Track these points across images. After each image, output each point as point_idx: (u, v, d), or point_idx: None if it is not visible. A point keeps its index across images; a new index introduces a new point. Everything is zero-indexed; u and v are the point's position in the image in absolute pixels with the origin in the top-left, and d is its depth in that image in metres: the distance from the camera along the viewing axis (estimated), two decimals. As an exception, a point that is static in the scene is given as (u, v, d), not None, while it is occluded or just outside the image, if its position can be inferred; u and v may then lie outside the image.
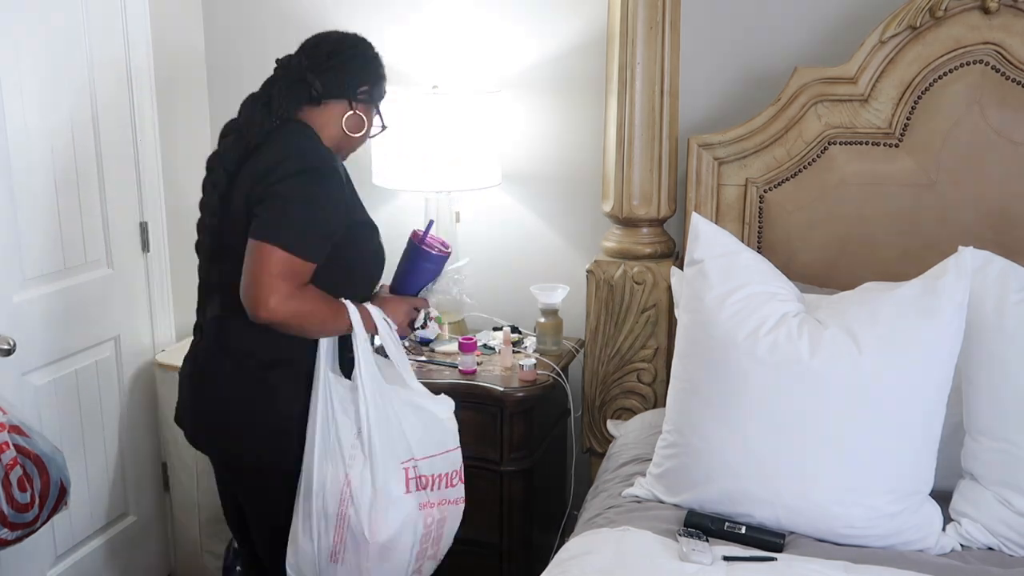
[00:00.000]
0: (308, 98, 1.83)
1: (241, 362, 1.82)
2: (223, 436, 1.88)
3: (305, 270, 1.71)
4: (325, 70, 1.83)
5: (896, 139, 2.19)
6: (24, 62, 2.23)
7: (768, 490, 1.77)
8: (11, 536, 1.98)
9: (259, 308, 1.66)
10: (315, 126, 1.84)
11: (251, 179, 1.75)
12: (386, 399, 1.84)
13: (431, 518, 1.90)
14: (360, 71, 1.88)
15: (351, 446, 1.81)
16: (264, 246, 1.67)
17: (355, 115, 1.88)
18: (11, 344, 2.15)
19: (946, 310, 1.75)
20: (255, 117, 1.80)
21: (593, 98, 2.59)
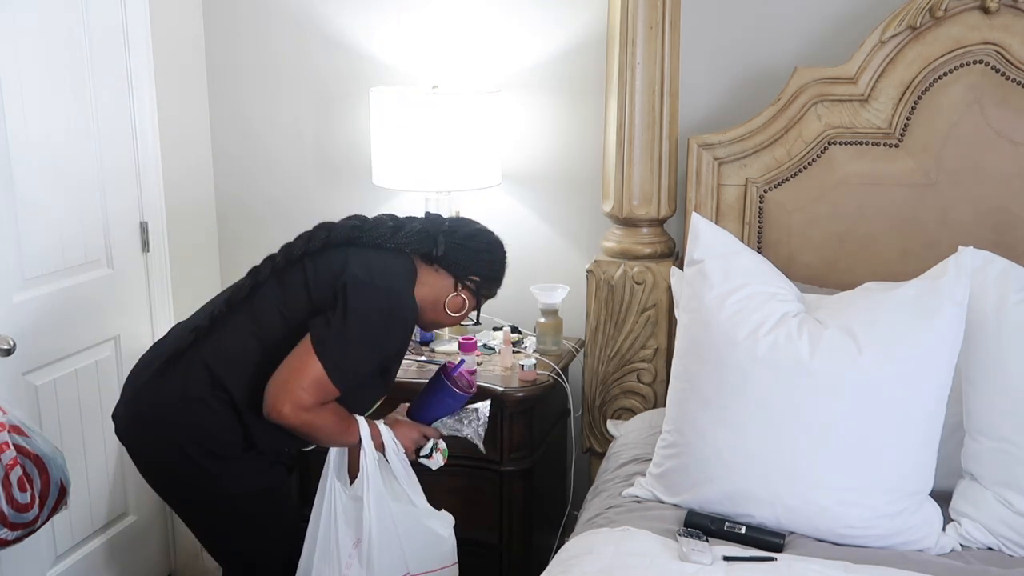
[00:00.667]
0: (425, 254, 1.91)
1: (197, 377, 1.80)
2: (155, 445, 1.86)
3: (332, 393, 1.77)
4: (455, 245, 1.92)
5: (896, 139, 2.19)
6: (24, 62, 2.23)
7: (768, 490, 1.77)
8: (11, 536, 1.98)
9: (274, 408, 1.73)
10: (419, 277, 1.91)
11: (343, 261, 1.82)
12: (389, 514, 1.89)
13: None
14: (481, 263, 1.96)
15: (348, 555, 1.87)
16: (312, 356, 1.73)
17: (459, 297, 1.95)
18: (11, 344, 2.15)
19: (946, 310, 1.75)
20: (382, 228, 1.89)
21: (593, 98, 2.59)
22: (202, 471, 1.82)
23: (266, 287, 1.85)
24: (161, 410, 1.83)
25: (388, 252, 1.88)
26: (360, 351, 1.78)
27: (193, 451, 1.81)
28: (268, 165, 2.98)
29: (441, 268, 1.93)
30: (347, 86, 2.83)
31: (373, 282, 1.80)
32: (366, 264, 1.83)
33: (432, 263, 1.92)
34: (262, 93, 2.94)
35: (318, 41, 2.84)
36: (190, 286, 2.90)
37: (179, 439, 1.81)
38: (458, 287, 1.94)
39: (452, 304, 1.95)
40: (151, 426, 1.85)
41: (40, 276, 2.33)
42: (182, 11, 2.84)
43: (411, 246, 1.90)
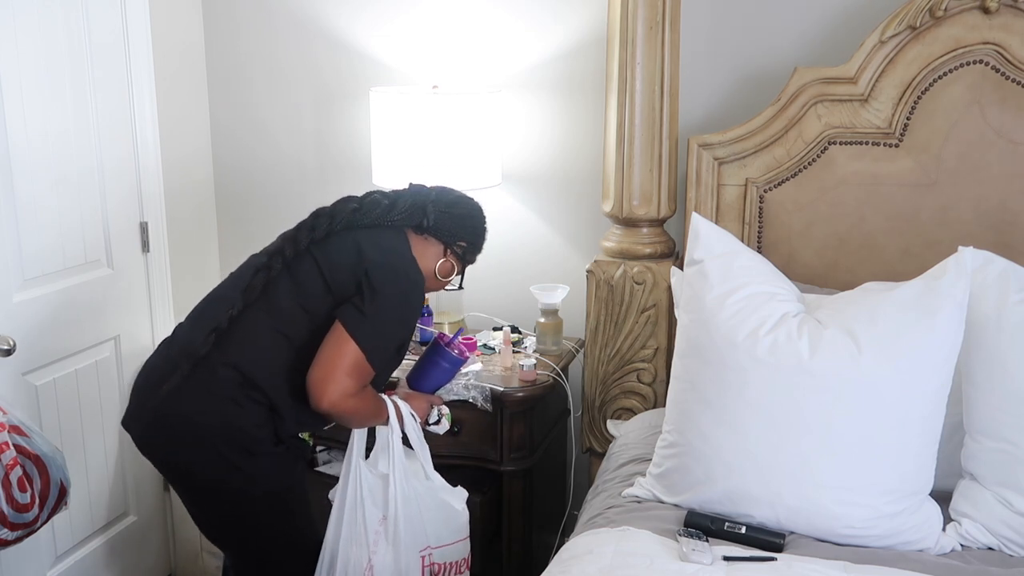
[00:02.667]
0: (417, 225, 1.99)
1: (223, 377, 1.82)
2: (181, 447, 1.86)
3: (370, 375, 1.84)
4: (443, 213, 2.01)
5: (896, 139, 2.19)
6: (24, 62, 2.23)
7: (768, 490, 1.77)
8: (11, 536, 1.98)
9: (323, 398, 1.78)
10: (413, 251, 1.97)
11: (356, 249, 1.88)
12: (413, 489, 1.97)
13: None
14: (470, 229, 2.05)
15: (375, 532, 1.93)
16: (347, 339, 1.79)
17: (447, 262, 2.04)
18: (11, 344, 2.15)
19: (946, 310, 1.75)
20: (377, 207, 1.95)
21: (593, 98, 2.59)
22: (235, 469, 1.84)
23: (278, 281, 1.88)
24: (191, 414, 1.83)
25: (387, 230, 1.95)
26: (391, 331, 1.86)
27: (227, 451, 1.83)
28: (268, 165, 2.98)
29: (431, 236, 2.00)
30: (347, 86, 2.84)
31: (392, 265, 1.88)
32: (379, 247, 1.90)
33: (422, 233, 1.99)
34: (262, 93, 2.94)
35: (318, 41, 2.85)
36: (190, 286, 2.90)
37: (213, 440, 1.82)
38: (447, 252, 2.03)
39: (442, 269, 2.03)
40: (180, 431, 1.85)
41: (40, 276, 2.33)
42: (182, 11, 2.85)
43: (404, 221, 1.97)
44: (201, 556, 2.76)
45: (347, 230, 1.92)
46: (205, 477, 1.87)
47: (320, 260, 1.88)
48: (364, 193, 2.00)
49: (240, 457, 1.84)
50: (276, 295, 1.87)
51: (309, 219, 1.95)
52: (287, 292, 1.87)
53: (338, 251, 1.89)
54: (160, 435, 1.89)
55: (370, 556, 1.92)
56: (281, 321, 1.85)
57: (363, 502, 1.94)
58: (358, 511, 1.94)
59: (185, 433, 1.84)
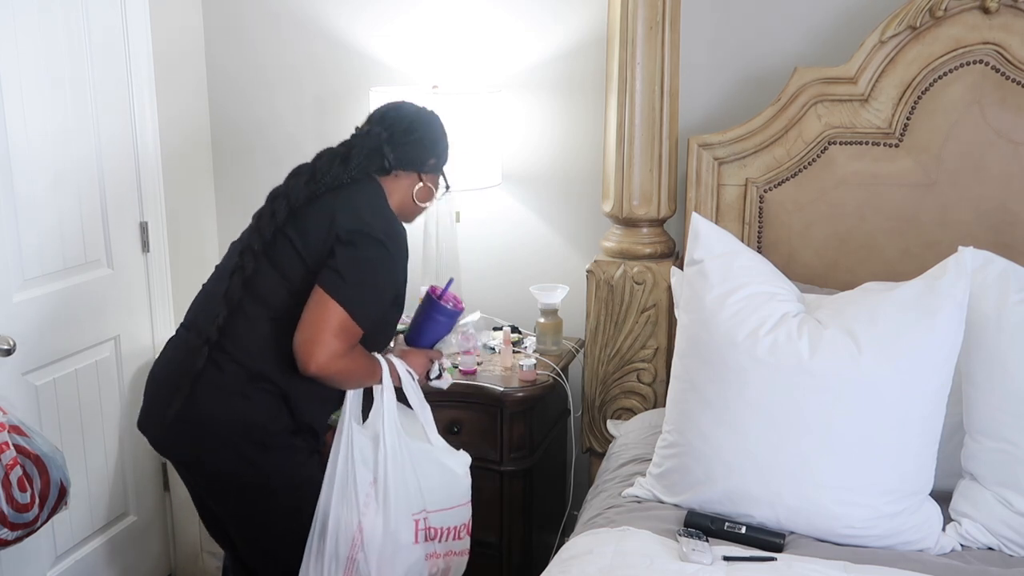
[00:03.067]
0: (379, 168, 1.94)
1: (229, 372, 1.83)
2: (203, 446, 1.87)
3: (357, 334, 1.81)
4: (401, 144, 1.94)
5: (896, 139, 2.19)
6: (24, 62, 2.23)
7: (768, 490, 1.77)
8: (11, 536, 1.98)
9: (311, 361, 1.75)
10: (386, 191, 1.94)
11: (329, 218, 1.83)
12: (405, 451, 1.92)
13: (436, 568, 1.99)
14: (432, 146, 2.00)
15: (366, 494, 1.89)
16: (330, 301, 1.76)
17: (425, 187, 2.00)
18: (11, 344, 2.15)
19: (946, 310, 1.75)
20: (331, 167, 1.89)
21: (593, 98, 2.59)
22: (251, 464, 1.84)
23: (259, 273, 1.86)
24: (204, 414, 1.84)
25: (355, 185, 1.90)
26: (374, 289, 1.82)
27: (243, 446, 1.84)
28: (268, 165, 2.98)
29: (400, 171, 1.96)
30: (347, 86, 2.83)
31: (363, 221, 1.83)
32: (350, 207, 1.85)
33: (389, 172, 1.95)
34: (262, 93, 2.94)
35: (318, 41, 2.85)
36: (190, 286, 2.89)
37: (229, 438, 1.83)
38: (421, 178, 1.99)
39: (420, 195, 2.00)
40: (196, 432, 1.85)
41: (40, 276, 2.33)
42: (182, 11, 2.85)
43: (366, 170, 1.92)
44: (201, 556, 2.76)
45: (313, 200, 1.87)
46: (222, 473, 1.87)
47: (295, 239, 1.85)
48: (314, 156, 1.94)
49: (256, 452, 1.84)
50: (261, 286, 1.85)
51: (267, 205, 1.90)
52: (271, 281, 1.85)
53: (310, 227, 1.84)
54: (176, 437, 1.90)
55: (360, 519, 1.87)
56: (273, 309, 1.84)
57: (354, 464, 1.88)
58: (349, 473, 1.89)
59: (201, 433, 1.85)
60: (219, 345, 1.85)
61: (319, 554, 1.89)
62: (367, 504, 1.88)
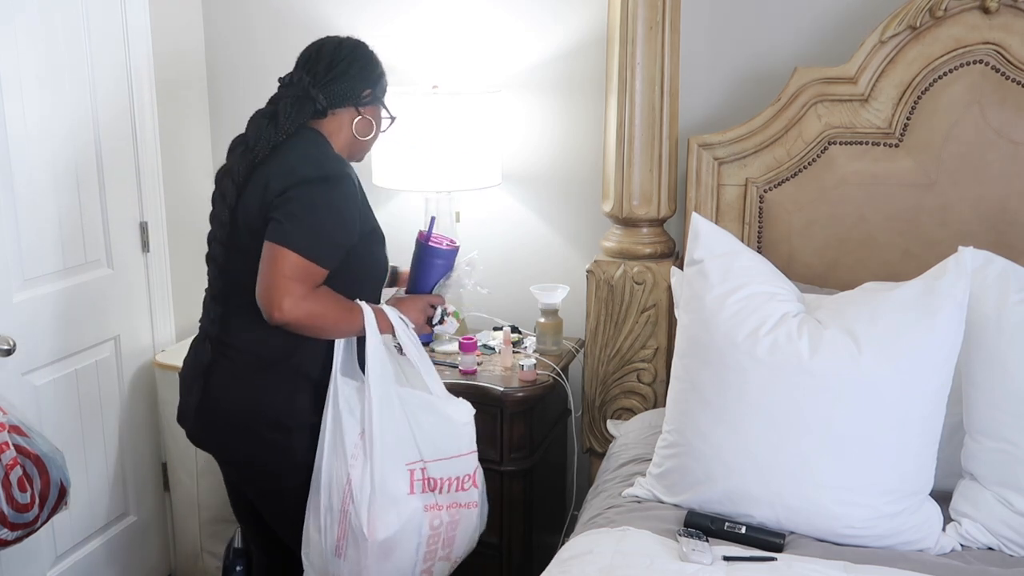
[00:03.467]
0: (314, 112, 1.87)
1: (239, 363, 1.85)
2: (225, 436, 1.91)
3: (318, 274, 1.76)
4: (327, 83, 1.87)
5: (896, 139, 2.19)
6: (24, 62, 2.23)
7: (768, 490, 1.77)
8: (11, 536, 1.98)
9: (273, 309, 1.71)
10: (325, 134, 1.89)
11: (263, 188, 1.79)
12: (395, 401, 1.87)
13: (438, 520, 1.93)
14: (360, 77, 1.91)
15: (354, 445, 1.85)
16: (278, 249, 1.72)
17: (363, 119, 1.93)
18: (11, 344, 2.15)
19: (946, 310, 1.75)
20: (263, 131, 1.84)
21: (593, 98, 2.59)
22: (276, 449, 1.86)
23: (229, 260, 1.85)
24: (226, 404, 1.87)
25: (285, 146, 1.84)
26: (320, 224, 1.75)
27: (268, 434, 1.85)
28: (268, 165, 2.98)
29: (335, 109, 1.89)
30: (347, 86, 2.83)
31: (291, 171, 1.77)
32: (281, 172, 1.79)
33: (325, 114, 1.88)
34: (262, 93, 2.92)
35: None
36: (190, 286, 2.90)
37: (253, 426, 1.85)
38: (359, 111, 1.92)
39: (360, 129, 1.93)
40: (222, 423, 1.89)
41: (40, 276, 2.33)
42: (182, 11, 2.85)
43: (299, 120, 1.85)
44: (201, 556, 2.76)
45: (254, 170, 1.82)
46: (250, 461, 1.89)
47: (245, 218, 1.82)
48: (248, 122, 1.89)
49: (280, 436, 1.86)
50: (235, 272, 1.84)
51: (216, 188, 1.87)
52: (241, 265, 1.82)
53: (251, 198, 1.81)
54: (203, 430, 1.94)
55: (348, 470, 1.83)
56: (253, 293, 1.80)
57: (340, 415, 1.84)
58: (337, 425, 1.84)
59: (225, 425, 1.88)
60: (220, 339, 1.87)
61: (315, 509, 1.88)
62: (355, 456, 1.84)
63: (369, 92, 1.93)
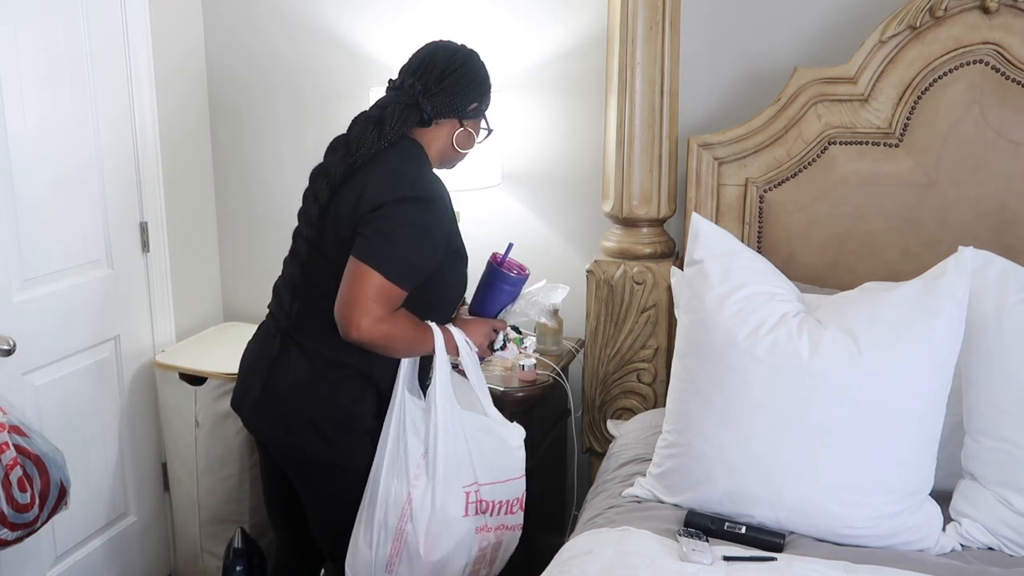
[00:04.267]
0: (419, 121, 1.87)
1: (310, 359, 1.86)
2: (285, 428, 1.90)
3: (399, 296, 1.77)
4: (436, 93, 1.87)
5: (896, 139, 2.19)
6: (24, 62, 2.23)
7: (768, 490, 1.77)
8: (11, 536, 1.98)
9: (351, 328, 1.72)
10: (423, 143, 1.90)
11: (358, 197, 1.79)
12: (458, 423, 1.89)
13: (487, 541, 1.96)
14: (470, 90, 1.91)
15: (417, 466, 1.86)
16: (363, 267, 1.72)
17: (464, 131, 1.94)
18: (11, 344, 2.15)
19: (946, 310, 1.75)
20: (366, 136, 1.83)
21: (593, 98, 2.59)
22: (335, 445, 1.86)
23: (314, 260, 1.86)
24: (288, 396, 1.87)
25: (386, 156, 1.84)
26: (407, 247, 1.76)
27: (329, 430, 1.86)
28: (268, 165, 2.98)
29: (440, 120, 1.89)
30: (348, 86, 2.83)
31: (390, 195, 1.77)
32: (377, 185, 1.79)
33: (430, 124, 1.88)
34: (262, 93, 2.95)
35: (318, 41, 2.85)
36: (190, 286, 2.90)
37: (314, 420, 1.85)
38: (462, 123, 1.92)
39: (459, 141, 1.93)
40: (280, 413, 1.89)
41: (40, 276, 2.33)
42: (182, 11, 2.85)
43: (404, 129, 1.85)
44: (201, 556, 2.76)
45: (352, 174, 1.83)
46: (306, 454, 1.89)
47: (335, 222, 1.82)
48: (350, 124, 1.88)
49: (340, 433, 1.86)
50: (316, 272, 1.85)
51: (309, 186, 1.88)
52: (322, 265, 1.84)
53: (344, 204, 1.81)
54: (261, 419, 1.94)
55: (410, 490, 1.85)
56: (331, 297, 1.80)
57: (406, 434, 1.85)
58: (400, 443, 1.85)
59: (286, 417, 1.88)
60: (292, 333, 1.88)
61: (368, 523, 1.88)
62: (417, 476, 1.86)
63: (476, 106, 1.93)
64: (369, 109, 1.89)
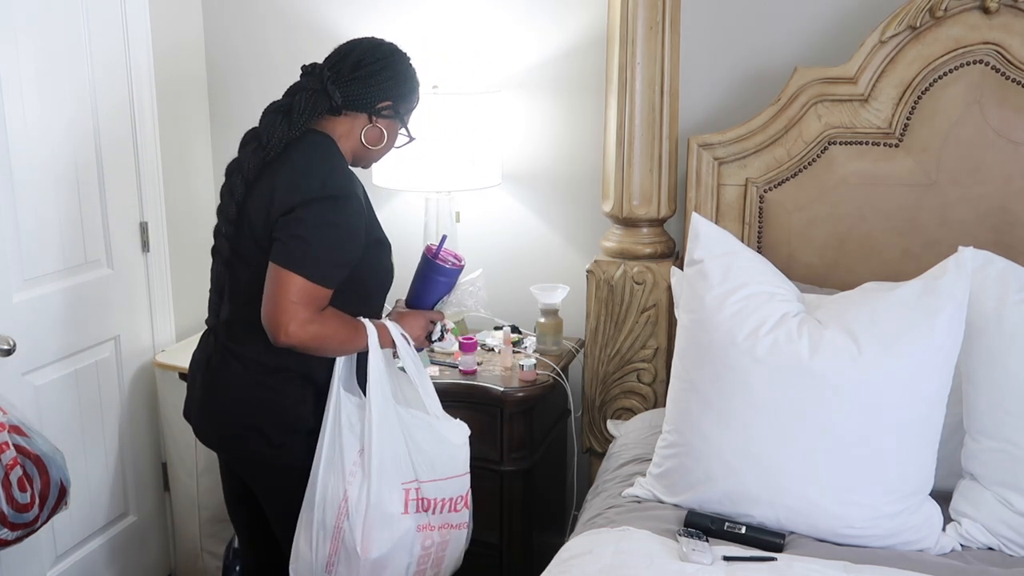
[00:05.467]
0: (328, 108, 1.82)
1: (247, 365, 1.85)
2: (230, 436, 1.90)
3: (323, 296, 1.74)
4: (348, 82, 1.81)
5: (896, 139, 2.19)
6: (24, 62, 2.23)
7: (768, 490, 1.77)
8: (11, 536, 1.98)
9: (279, 334, 1.70)
10: (334, 135, 1.85)
11: (269, 199, 1.76)
12: (395, 420, 1.86)
13: (430, 540, 1.92)
14: (384, 86, 1.85)
15: (353, 463, 1.83)
16: (284, 272, 1.70)
17: (374, 128, 1.87)
18: (11, 344, 2.15)
19: (946, 310, 1.75)
20: (275, 127, 1.79)
21: (593, 98, 2.59)
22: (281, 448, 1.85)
23: (234, 261, 1.84)
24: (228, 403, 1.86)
25: (294, 149, 1.79)
26: (325, 246, 1.73)
27: (274, 434, 1.84)
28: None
29: (349, 112, 1.83)
30: (347, 86, 2.83)
31: (301, 194, 1.73)
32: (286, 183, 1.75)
33: (339, 113, 1.82)
34: (262, 93, 2.92)
35: (319, 42, 2.84)
36: (190, 286, 2.90)
37: (258, 424, 1.84)
38: (372, 120, 1.85)
39: (369, 138, 1.86)
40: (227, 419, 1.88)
41: (40, 276, 2.33)
42: (182, 11, 2.85)
43: (313, 117, 1.80)
44: (201, 556, 2.76)
45: (265, 168, 1.79)
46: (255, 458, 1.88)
47: (249, 221, 1.79)
48: (262, 115, 1.83)
49: (285, 436, 1.85)
50: (238, 270, 1.83)
51: (226, 181, 1.84)
52: (244, 271, 1.82)
53: (257, 202, 1.77)
54: (209, 425, 1.93)
55: (346, 487, 1.82)
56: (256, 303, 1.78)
57: (341, 432, 1.82)
58: (336, 441, 1.82)
59: (231, 421, 1.87)
60: (223, 336, 1.87)
61: (308, 523, 1.85)
62: (353, 473, 1.83)
63: (388, 105, 1.86)
64: (280, 99, 1.85)
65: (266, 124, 1.81)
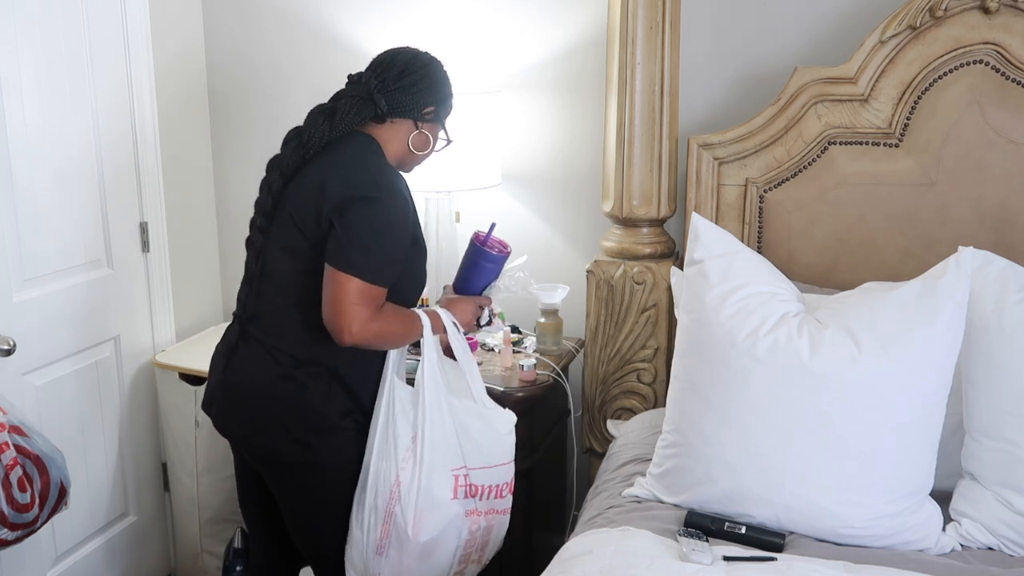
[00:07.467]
0: (373, 115, 1.88)
1: (276, 357, 1.86)
2: (252, 430, 1.91)
3: (381, 294, 1.80)
4: (392, 91, 1.88)
5: (896, 139, 2.19)
6: (24, 63, 2.23)
7: (768, 490, 1.77)
8: (11, 536, 1.98)
9: (344, 335, 1.76)
10: (380, 140, 1.91)
11: (319, 188, 1.80)
12: (446, 408, 1.91)
13: (476, 525, 1.97)
14: (427, 92, 1.92)
15: (405, 448, 1.89)
16: (341, 276, 1.75)
17: (421, 134, 1.94)
18: (11, 344, 2.15)
19: (946, 310, 1.75)
20: (317, 127, 1.85)
21: (593, 98, 2.59)
22: (304, 446, 1.86)
23: (268, 252, 1.88)
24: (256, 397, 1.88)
25: (343, 144, 1.86)
26: (380, 247, 1.78)
27: (298, 430, 1.86)
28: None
29: (394, 118, 1.90)
30: (347, 86, 2.83)
31: (353, 191, 1.78)
32: (336, 178, 1.80)
33: (384, 120, 1.89)
34: (262, 94, 2.94)
35: (319, 42, 2.84)
36: (190, 286, 2.90)
37: (282, 419, 1.86)
38: (418, 125, 1.93)
39: (416, 143, 1.94)
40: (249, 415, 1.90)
41: (40, 276, 2.33)
42: (182, 11, 2.85)
43: (356, 122, 1.87)
44: (201, 556, 2.76)
45: (304, 165, 1.85)
46: (274, 454, 1.90)
47: (294, 216, 1.83)
48: (306, 116, 1.90)
49: (309, 434, 1.87)
50: (271, 262, 1.87)
51: (265, 176, 1.91)
52: (278, 256, 1.86)
53: (304, 197, 1.83)
54: (230, 419, 1.95)
55: (397, 472, 1.88)
56: (291, 295, 1.85)
57: (394, 419, 1.89)
58: (389, 428, 1.89)
59: (252, 414, 1.89)
60: (250, 325, 1.90)
61: (360, 506, 1.91)
62: (405, 459, 1.88)
63: (432, 110, 1.93)
64: (325, 102, 1.92)
65: (309, 123, 1.88)
